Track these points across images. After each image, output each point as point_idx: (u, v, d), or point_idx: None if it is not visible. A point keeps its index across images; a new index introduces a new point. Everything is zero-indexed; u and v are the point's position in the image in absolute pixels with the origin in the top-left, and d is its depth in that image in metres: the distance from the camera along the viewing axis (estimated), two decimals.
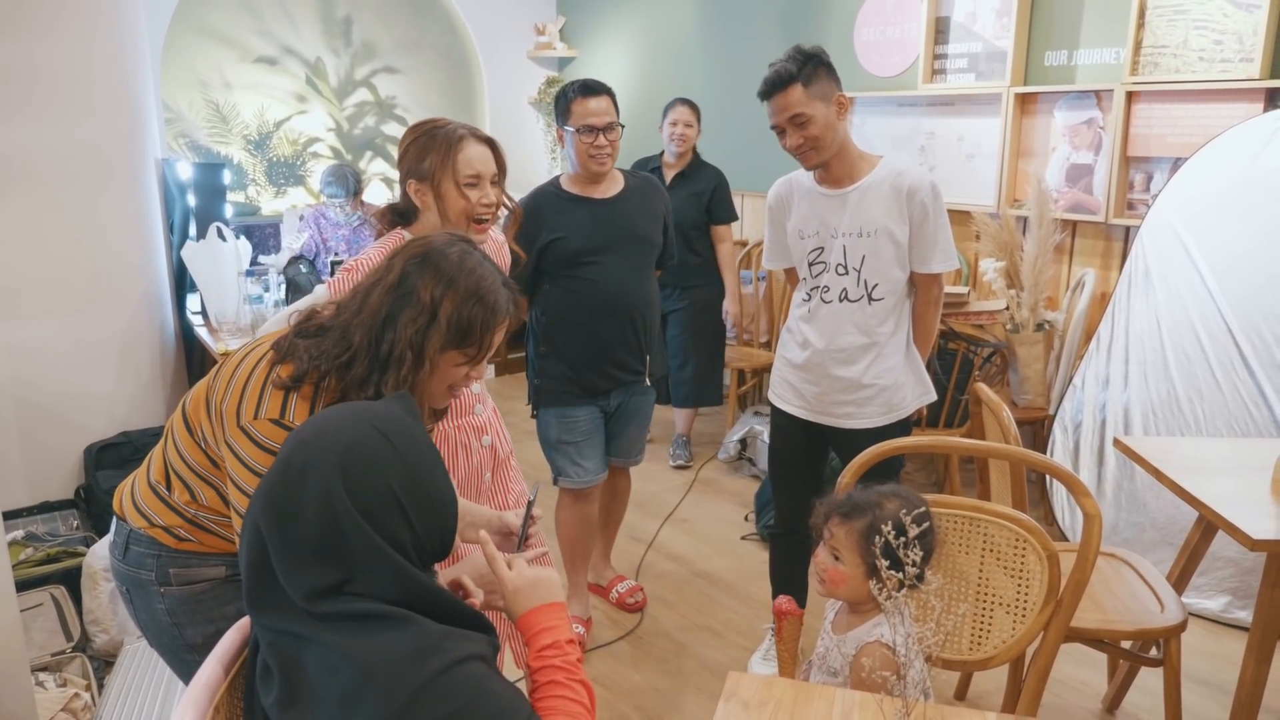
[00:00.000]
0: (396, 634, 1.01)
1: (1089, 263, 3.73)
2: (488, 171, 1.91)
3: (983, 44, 3.91)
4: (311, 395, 1.34)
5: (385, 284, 1.36)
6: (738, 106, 5.12)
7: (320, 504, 1.03)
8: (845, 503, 1.55)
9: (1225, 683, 2.59)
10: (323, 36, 5.47)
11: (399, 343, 1.33)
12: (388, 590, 1.03)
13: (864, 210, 2.25)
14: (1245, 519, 1.87)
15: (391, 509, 1.06)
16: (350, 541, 1.03)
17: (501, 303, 1.40)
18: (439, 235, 1.44)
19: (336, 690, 0.99)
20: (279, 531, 1.04)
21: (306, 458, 1.06)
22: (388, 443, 1.09)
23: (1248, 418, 2.90)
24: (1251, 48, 3.12)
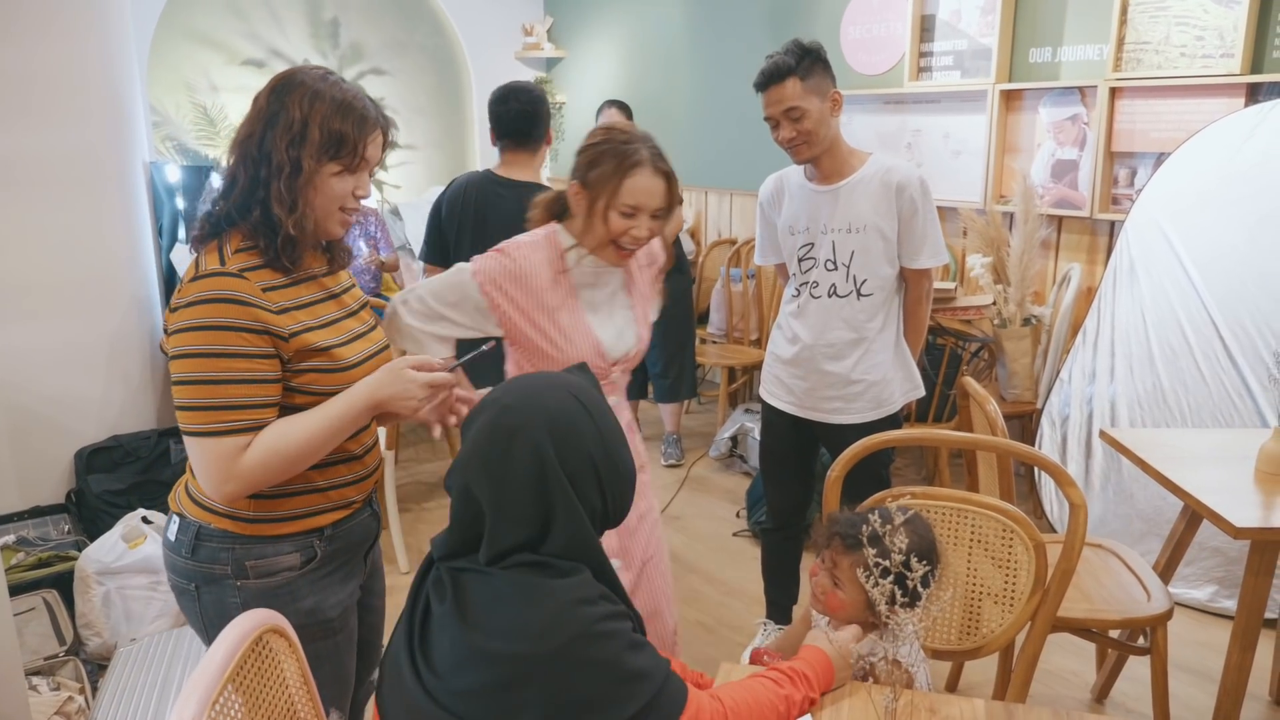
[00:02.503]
0: (565, 579, 1.10)
1: (1074, 258, 3.76)
2: (649, 205, 1.77)
3: (968, 41, 3.94)
4: (217, 246, 1.39)
5: (253, 115, 1.42)
6: (726, 105, 5.13)
7: (534, 466, 1.10)
8: (851, 531, 1.49)
9: (1212, 671, 2.62)
10: (310, 39, 5.47)
11: (275, 155, 1.38)
12: (567, 549, 1.11)
13: (853, 206, 2.27)
14: (1229, 508, 1.90)
15: (590, 476, 1.13)
16: (555, 504, 1.10)
17: (371, 112, 1.44)
18: (301, 66, 1.49)
19: (503, 613, 1.07)
20: (493, 493, 1.10)
21: (514, 422, 1.12)
22: (586, 412, 1.15)
23: (1232, 409, 2.93)
24: (1232, 43, 3.15)
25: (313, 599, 1.47)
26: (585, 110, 6.02)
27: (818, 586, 1.55)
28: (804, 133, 2.21)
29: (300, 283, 1.45)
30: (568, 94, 6.27)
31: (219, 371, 1.30)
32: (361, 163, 1.45)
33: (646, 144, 1.77)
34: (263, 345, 1.34)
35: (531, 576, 1.10)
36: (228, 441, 1.32)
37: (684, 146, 5.41)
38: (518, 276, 1.81)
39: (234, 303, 1.32)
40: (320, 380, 1.41)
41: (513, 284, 1.81)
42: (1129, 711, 2.49)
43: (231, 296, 1.32)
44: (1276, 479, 2.06)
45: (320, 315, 1.46)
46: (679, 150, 5.44)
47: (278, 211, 1.38)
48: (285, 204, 1.38)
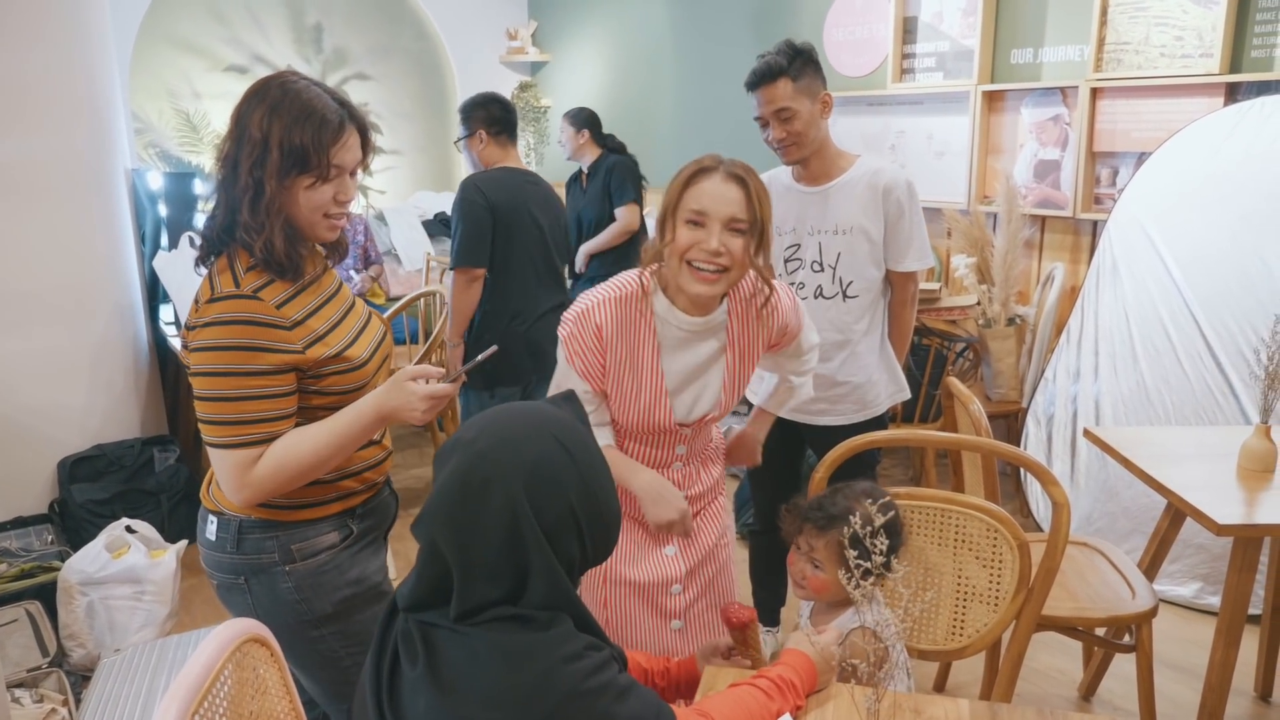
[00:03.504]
0: (546, 634, 1.03)
1: (1058, 257, 3.78)
2: (719, 214, 1.58)
3: (950, 43, 3.96)
4: (228, 266, 1.41)
5: (227, 134, 1.43)
6: (710, 107, 5.14)
7: (505, 525, 1.01)
8: (820, 514, 1.54)
9: (1197, 667, 2.63)
10: (293, 44, 5.45)
11: (241, 177, 1.39)
12: (544, 602, 1.04)
13: (840, 208, 2.27)
14: (1212, 505, 1.91)
15: (570, 528, 1.05)
16: (531, 563, 1.02)
17: (330, 115, 1.42)
18: (268, 76, 1.48)
19: (482, 679, 1.00)
20: (460, 550, 1.02)
21: (488, 473, 1.02)
22: (569, 457, 1.06)
23: (1215, 407, 2.95)
24: (1211, 43, 3.18)
25: (357, 569, 1.57)
26: None
27: (798, 574, 1.58)
28: (794, 134, 2.21)
29: (306, 288, 1.50)
30: (553, 98, 6.26)
31: (236, 389, 1.37)
32: (333, 170, 1.44)
33: (725, 159, 1.65)
34: (278, 362, 1.39)
35: (510, 634, 1.02)
36: (242, 453, 1.39)
37: (669, 149, 5.41)
38: (590, 333, 1.68)
39: (250, 324, 1.37)
40: (340, 381, 1.49)
41: (591, 346, 1.69)
42: (1116, 709, 2.50)
43: (248, 318, 1.37)
44: (1259, 476, 2.07)
45: (328, 319, 1.51)
46: (664, 153, 5.45)
47: (244, 236, 1.41)
48: (251, 228, 1.40)
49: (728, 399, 1.77)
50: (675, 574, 1.81)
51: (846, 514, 1.52)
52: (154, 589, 2.64)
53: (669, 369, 1.72)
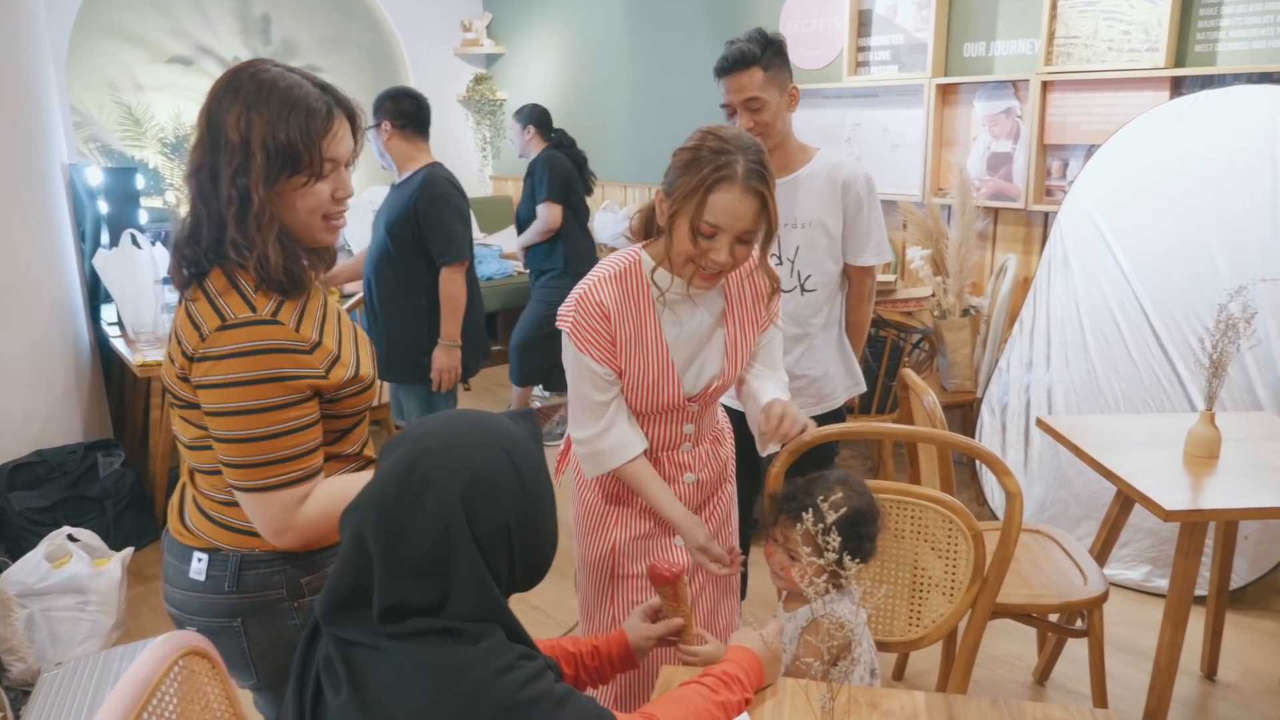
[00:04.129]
0: (476, 647, 0.99)
1: (1011, 249, 3.82)
2: (733, 227, 1.55)
3: (904, 36, 3.98)
4: (231, 287, 1.28)
5: (198, 141, 1.29)
6: (666, 100, 5.13)
7: (438, 527, 0.98)
8: (794, 505, 1.53)
9: (1147, 649, 2.68)
10: (240, 35, 5.33)
11: (223, 188, 1.25)
12: (473, 614, 1.01)
13: (799, 202, 2.26)
14: (1159, 491, 1.94)
15: (501, 545, 1.02)
16: (459, 570, 0.99)
17: (315, 103, 1.29)
18: (238, 65, 1.32)
19: (412, 701, 0.96)
20: (387, 546, 0.99)
21: (429, 472, 1.00)
22: (515, 473, 1.03)
23: (1163, 395, 3.01)
24: (1156, 38, 3.23)
25: None
26: None
27: (776, 564, 1.58)
28: (761, 125, 2.18)
29: (309, 302, 1.38)
30: (509, 90, 6.20)
31: (269, 427, 1.26)
32: (327, 165, 1.31)
33: (747, 155, 1.55)
34: (306, 390, 1.29)
35: (439, 649, 0.98)
36: (286, 494, 1.29)
37: (625, 142, 5.39)
38: (596, 317, 1.66)
39: (274, 352, 1.26)
40: (355, 403, 1.40)
41: (598, 329, 1.66)
42: (1069, 692, 2.53)
43: (271, 346, 1.26)
44: (1204, 461, 2.11)
45: (335, 335, 1.40)
46: (620, 146, 5.42)
47: (234, 255, 1.27)
48: (240, 245, 1.27)
49: (730, 368, 1.74)
50: (683, 564, 1.80)
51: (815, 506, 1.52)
52: (98, 599, 2.57)
53: (672, 339, 1.70)
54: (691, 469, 1.79)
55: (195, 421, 1.33)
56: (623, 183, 5.47)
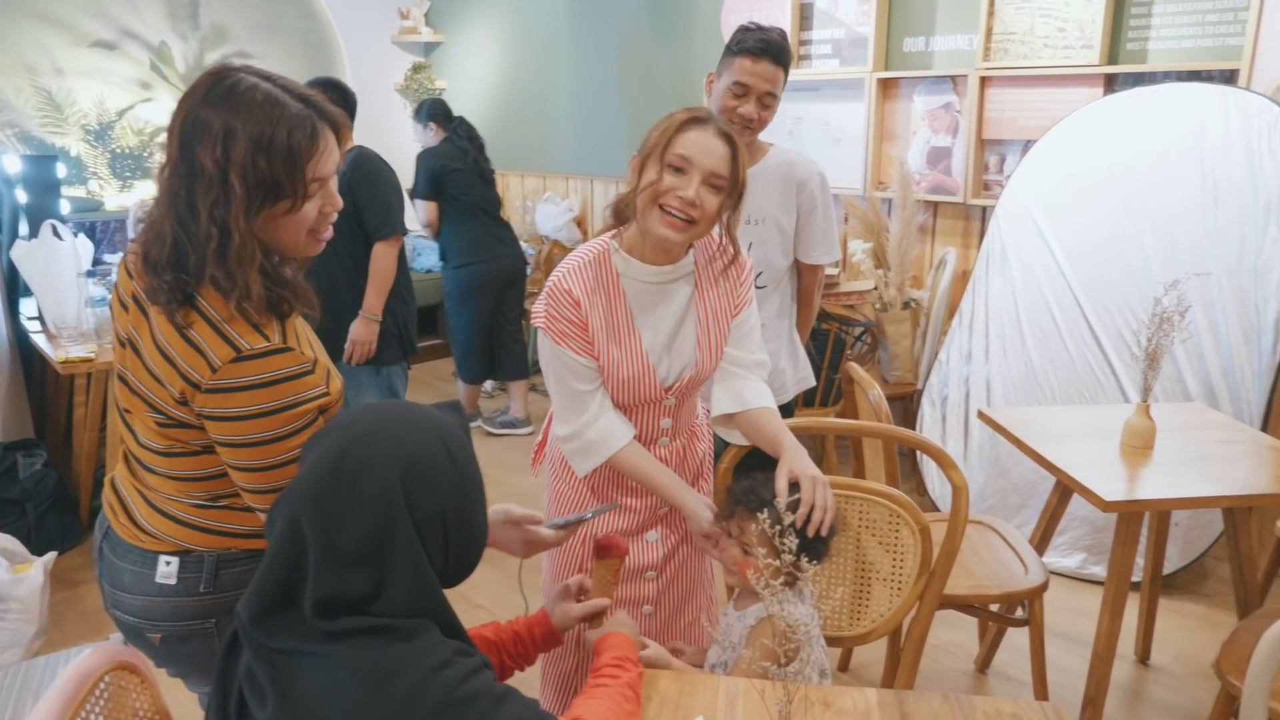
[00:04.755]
0: (411, 645, 0.96)
1: (950, 242, 3.88)
2: (702, 165, 1.53)
3: (845, 30, 4.00)
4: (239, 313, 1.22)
5: (171, 161, 1.21)
6: (609, 91, 5.09)
7: (377, 512, 0.96)
8: (752, 498, 1.51)
9: (1084, 635, 2.75)
10: (167, 19, 5.14)
11: (201, 220, 1.17)
12: (408, 607, 0.98)
13: (753, 198, 2.23)
14: (1098, 482, 1.97)
15: (438, 533, 0.99)
16: (396, 559, 0.96)
17: (297, 124, 1.19)
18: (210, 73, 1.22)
19: (345, 706, 0.92)
20: (325, 535, 0.95)
21: (364, 457, 0.97)
22: (450, 460, 1.02)
23: (1097, 386, 3.08)
24: (1090, 35, 3.29)
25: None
26: (466, 97, 5.87)
27: (730, 560, 1.54)
28: (761, 120, 2.18)
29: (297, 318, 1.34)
30: (448, 80, 6.10)
31: (288, 452, 1.24)
32: (314, 186, 1.23)
33: (716, 120, 1.58)
34: (315, 412, 1.27)
35: (372, 650, 0.95)
36: None
37: (567, 134, 5.34)
38: (569, 306, 1.64)
39: (289, 379, 1.23)
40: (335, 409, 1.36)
41: (571, 319, 1.64)
42: (1010, 679, 2.58)
43: (286, 375, 1.23)
44: (1140, 452, 2.16)
45: (316, 344, 1.36)
46: (562, 137, 5.37)
47: (205, 295, 1.21)
48: (219, 281, 1.20)
49: (704, 357, 1.71)
50: (653, 560, 1.79)
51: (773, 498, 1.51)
52: (18, 606, 2.45)
53: (644, 328, 1.67)
54: (668, 464, 1.77)
55: (176, 436, 1.28)
56: (564, 174, 5.42)
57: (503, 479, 3.92)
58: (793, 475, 1.53)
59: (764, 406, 1.71)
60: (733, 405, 1.72)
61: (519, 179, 5.74)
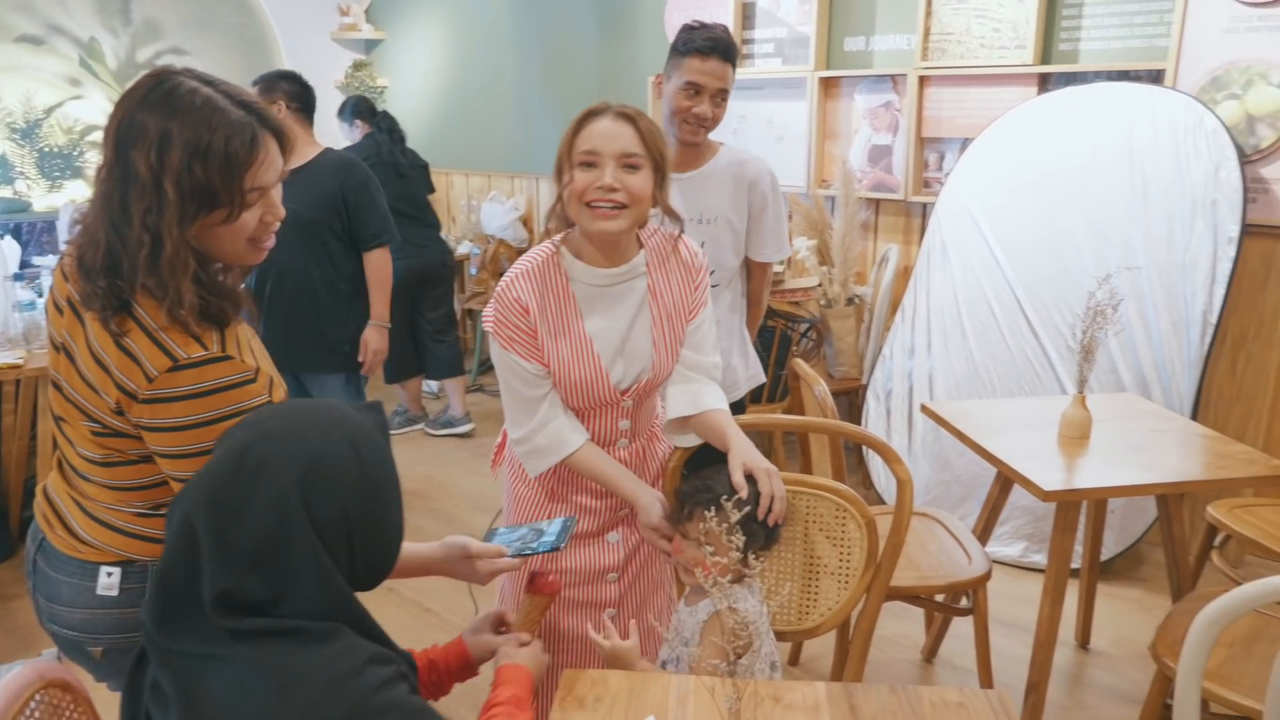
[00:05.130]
0: (321, 650, 0.93)
1: (892, 239, 3.94)
2: (610, 150, 1.53)
3: (787, 29, 4.04)
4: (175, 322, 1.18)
5: (106, 164, 1.18)
6: (554, 89, 5.06)
7: (272, 512, 0.93)
8: (707, 495, 1.51)
9: (1027, 622, 2.81)
10: (96, 14, 4.99)
11: (133, 227, 1.14)
12: (315, 609, 0.95)
13: (705, 197, 2.25)
14: (1037, 472, 2.02)
15: (340, 536, 0.97)
16: (295, 558, 0.94)
17: (236, 131, 1.16)
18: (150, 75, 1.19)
19: (250, 713, 0.90)
20: (216, 532, 0.93)
21: (265, 454, 0.95)
22: (357, 462, 0.99)
23: (1035, 378, 3.15)
24: (1024, 36, 3.37)
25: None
26: (408, 94, 5.80)
27: (689, 560, 1.53)
28: (715, 118, 2.17)
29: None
30: (390, 77, 6.02)
31: None
32: (253, 195, 1.20)
33: (616, 103, 1.59)
34: None
35: (280, 653, 0.92)
36: None
37: (511, 132, 5.30)
38: (515, 313, 1.63)
39: (229, 389, 1.20)
40: None
41: (518, 324, 1.64)
42: (956, 668, 2.63)
43: (225, 384, 1.20)
44: (1076, 442, 2.21)
45: (259, 351, 1.32)
46: (506, 136, 5.33)
47: (141, 302, 1.17)
48: (150, 289, 1.16)
49: (660, 360, 1.70)
50: (614, 562, 1.78)
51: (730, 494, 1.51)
52: None
53: (595, 331, 1.66)
54: (628, 466, 1.76)
55: (114, 446, 1.25)
56: (509, 173, 5.38)
57: (449, 480, 3.89)
58: (747, 468, 1.54)
59: (719, 409, 1.72)
60: (690, 408, 1.73)
61: (463, 178, 5.69)
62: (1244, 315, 3.03)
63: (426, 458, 4.17)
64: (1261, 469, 2.05)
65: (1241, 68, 2.90)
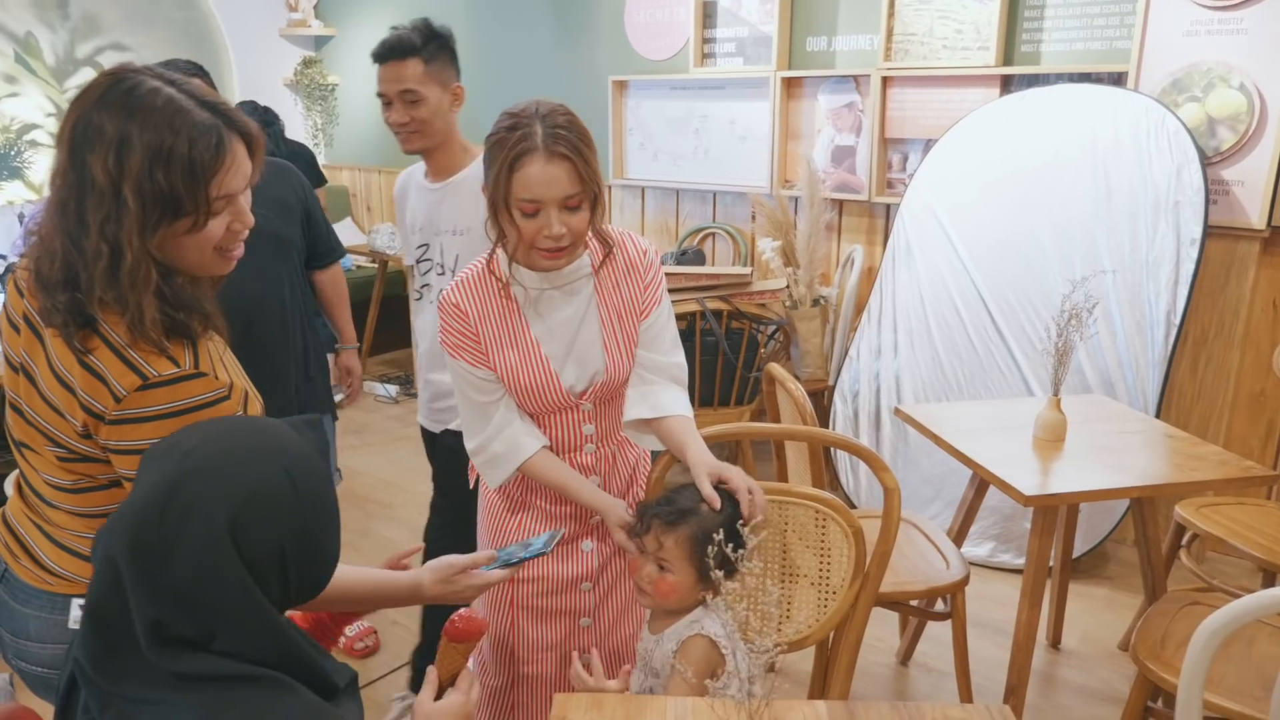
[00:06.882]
0: (265, 704, 0.89)
1: (856, 239, 3.94)
2: (551, 195, 1.47)
3: (749, 29, 4.02)
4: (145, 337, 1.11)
5: (60, 170, 1.10)
6: (507, 88, 4.98)
7: (202, 555, 0.87)
8: (668, 509, 1.48)
9: (997, 621, 2.83)
10: (32, 8, 4.79)
11: (90, 237, 1.07)
12: (249, 644, 0.90)
13: (458, 207, 2.12)
14: (1016, 476, 2.02)
15: (274, 569, 0.92)
16: (227, 599, 0.88)
17: (201, 134, 1.09)
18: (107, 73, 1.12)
19: None
20: (140, 572, 0.87)
21: (195, 496, 0.89)
22: (293, 492, 0.93)
23: (1001, 378, 3.17)
24: (987, 37, 3.38)
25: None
26: (359, 92, 5.67)
27: (645, 579, 1.49)
28: (417, 120, 2.06)
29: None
30: (341, 75, 5.88)
31: None
32: (218, 203, 1.13)
33: (544, 122, 1.49)
34: None
35: (223, 704, 0.88)
36: None
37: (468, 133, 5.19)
38: (456, 319, 1.62)
39: (201, 408, 1.14)
40: None
41: (461, 330, 1.62)
42: (930, 670, 2.63)
43: (196, 403, 1.13)
44: (1051, 445, 2.22)
45: (232, 365, 1.25)
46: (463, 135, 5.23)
47: (105, 317, 1.10)
48: (108, 304, 1.10)
49: (613, 362, 1.66)
50: (588, 570, 1.73)
51: (693, 509, 1.47)
52: None
53: (541, 334, 1.63)
54: (595, 472, 1.72)
55: (82, 471, 1.18)
56: None
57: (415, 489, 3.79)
58: (713, 475, 1.51)
59: (679, 414, 1.68)
60: (647, 411, 1.70)
61: None
62: (1205, 315, 3.08)
63: (389, 465, 4.07)
64: (1234, 470, 2.07)
65: (1202, 70, 2.94)
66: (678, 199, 4.48)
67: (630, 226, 4.63)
